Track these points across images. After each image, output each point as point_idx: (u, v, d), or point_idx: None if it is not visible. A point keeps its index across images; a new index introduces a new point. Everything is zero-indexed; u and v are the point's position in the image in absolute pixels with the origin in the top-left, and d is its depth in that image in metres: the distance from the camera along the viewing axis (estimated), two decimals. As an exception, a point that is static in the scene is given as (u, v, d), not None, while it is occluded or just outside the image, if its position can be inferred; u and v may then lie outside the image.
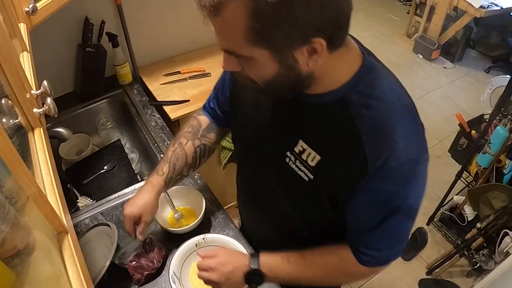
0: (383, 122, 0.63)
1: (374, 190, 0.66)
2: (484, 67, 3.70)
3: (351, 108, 0.64)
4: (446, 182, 2.15)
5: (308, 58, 0.57)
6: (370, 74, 0.65)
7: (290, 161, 0.74)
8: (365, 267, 0.78)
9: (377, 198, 0.68)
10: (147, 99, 1.62)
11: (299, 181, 0.73)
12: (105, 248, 1.00)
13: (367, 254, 0.76)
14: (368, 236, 0.74)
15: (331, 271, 0.82)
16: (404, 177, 0.65)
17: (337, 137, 0.67)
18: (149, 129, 1.48)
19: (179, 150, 0.97)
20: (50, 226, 0.55)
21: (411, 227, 0.75)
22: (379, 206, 0.69)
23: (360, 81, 0.64)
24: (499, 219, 1.78)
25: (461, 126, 2.45)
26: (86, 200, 1.28)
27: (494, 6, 3.12)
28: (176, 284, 0.94)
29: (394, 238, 0.75)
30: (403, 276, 2.11)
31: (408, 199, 0.69)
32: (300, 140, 0.71)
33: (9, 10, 0.81)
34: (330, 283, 0.86)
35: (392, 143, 0.62)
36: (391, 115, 0.63)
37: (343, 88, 0.64)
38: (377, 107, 0.63)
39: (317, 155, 0.69)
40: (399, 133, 0.62)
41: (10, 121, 0.62)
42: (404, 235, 0.77)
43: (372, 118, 0.63)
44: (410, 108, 0.67)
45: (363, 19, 4.39)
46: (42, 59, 1.27)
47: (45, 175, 0.64)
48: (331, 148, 0.68)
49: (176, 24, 1.76)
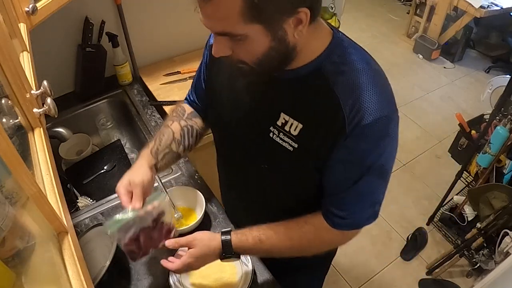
0: (357, 84, 0.69)
1: (349, 148, 0.70)
2: (484, 67, 3.70)
3: (326, 76, 0.70)
4: (446, 182, 2.16)
5: (294, 29, 0.62)
6: (340, 45, 0.71)
7: (274, 135, 0.77)
8: (338, 231, 0.80)
9: (351, 156, 0.72)
10: (147, 99, 1.62)
11: (284, 153, 0.76)
12: (105, 248, 1.00)
13: (339, 215, 0.79)
14: (341, 197, 0.77)
15: (306, 242, 0.84)
16: (377, 135, 0.69)
17: (317, 104, 0.72)
18: (149, 129, 1.48)
19: (164, 128, 0.98)
20: (50, 226, 0.55)
21: (383, 190, 0.79)
22: (352, 165, 0.73)
23: (332, 52, 0.70)
24: (499, 219, 1.78)
25: (461, 126, 2.45)
26: (86, 200, 1.28)
27: (494, 6, 3.12)
28: (176, 284, 0.94)
29: (366, 199, 0.78)
30: (403, 276, 2.11)
31: (381, 158, 0.72)
32: (281, 113, 0.75)
33: (9, 10, 0.81)
34: (305, 253, 0.87)
35: (366, 102, 0.68)
36: (364, 77, 0.69)
37: (317, 60, 0.70)
38: (350, 72, 0.69)
39: (299, 123, 0.74)
40: (372, 93, 0.68)
41: (10, 121, 0.62)
42: (377, 197, 0.79)
43: (347, 82, 0.69)
44: (379, 72, 0.73)
45: (363, 19, 4.39)
46: (42, 59, 1.27)
47: (45, 175, 0.64)
48: (312, 115, 0.73)
49: (176, 24, 1.75)
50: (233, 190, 1.08)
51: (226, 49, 0.66)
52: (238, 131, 0.86)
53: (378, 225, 2.35)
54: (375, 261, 2.17)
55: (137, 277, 1.01)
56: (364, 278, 2.09)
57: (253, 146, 0.84)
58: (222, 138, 0.98)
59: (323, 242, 0.86)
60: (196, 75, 1.00)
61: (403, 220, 2.38)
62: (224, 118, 0.89)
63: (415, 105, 3.25)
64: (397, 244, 2.25)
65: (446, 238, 2.25)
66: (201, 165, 1.46)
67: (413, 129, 3.02)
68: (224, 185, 1.14)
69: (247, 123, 0.83)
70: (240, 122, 0.85)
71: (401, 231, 2.32)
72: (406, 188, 2.57)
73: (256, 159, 0.85)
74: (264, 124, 0.79)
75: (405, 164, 2.70)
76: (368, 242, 2.26)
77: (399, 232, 2.32)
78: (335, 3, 2.17)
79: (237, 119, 0.85)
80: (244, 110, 0.82)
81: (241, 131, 0.85)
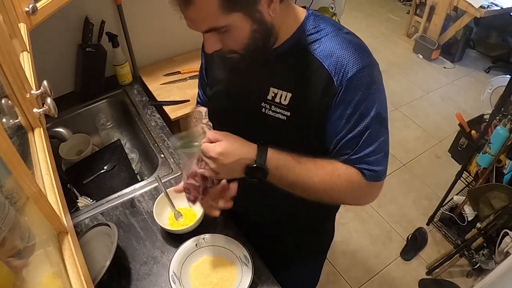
0: (333, 45, 0.76)
1: (344, 102, 0.75)
2: (484, 67, 3.70)
3: (304, 47, 0.77)
4: (446, 182, 2.16)
5: (268, 8, 0.70)
6: (313, 20, 0.79)
7: (266, 110, 0.82)
8: (366, 181, 0.80)
9: (348, 109, 0.75)
10: (147, 99, 1.62)
11: (278, 123, 0.81)
12: (105, 248, 1.00)
13: (364, 166, 0.79)
14: (360, 151, 0.78)
15: (336, 177, 0.79)
16: (365, 83, 0.74)
17: (301, 72, 0.78)
18: (149, 129, 1.48)
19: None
20: (50, 226, 0.55)
21: (387, 138, 0.81)
22: (353, 117, 0.76)
23: (306, 25, 0.78)
24: (499, 219, 1.78)
25: (461, 126, 2.46)
26: (86, 200, 1.28)
27: (494, 6, 3.12)
28: (176, 284, 0.94)
29: (376, 145, 0.78)
30: (403, 276, 2.11)
31: (375, 105, 0.76)
32: (270, 88, 0.81)
33: (9, 10, 0.81)
34: (332, 194, 0.82)
35: (345, 57, 0.74)
36: (337, 39, 0.76)
37: (295, 35, 0.78)
38: (324, 37, 0.77)
39: (288, 93, 0.79)
40: (348, 48, 0.75)
41: (10, 121, 0.62)
42: (383, 144, 0.80)
43: (324, 46, 0.76)
44: (351, 33, 0.80)
45: (363, 19, 4.40)
46: (42, 59, 1.27)
47: (45, 175, 0.64)
48: (299, 82, 0.78)
49: (176, 24, 1.74)
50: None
51: (216, 43, 0.73)
52: (234, 114, 0.91)
53: (378, 225, 2.35)
54: (375, 261, 2.17)
55: (137, 277, 1.02)
56: (364, 278, 2.09)
57: (250, 126, 0.87)
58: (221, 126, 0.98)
59: (352, 186, 0.81)
60: (199, 75, 1.07)
61: (403, 220, 2.38)
62: (222, 107, 0.95)
63: (415, 105, 3.25)
64: (397, 244, 2.25)
65: (446, 238, 2.25)
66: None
67: (413, 129, 3.02)
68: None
69: (241, 106, 0.88)
70: (235, 105, 0.90)
71: (401, 231, 2.32)
72: (406, 188, 2.57)
73: (254, 137, 0.82)
74: (256, 102, 0.84)
75: (405, 164, 2.70)
76: (368, 242, 2.26)
77: (399, 232, 2.32)
78: (335, 3, 2.17)
79: (232, 103, 0.91)
80: (238, 93, 0.89)
81: (237, 114, 0.90)
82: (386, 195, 2.52)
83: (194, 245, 1.03)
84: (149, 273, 1.02)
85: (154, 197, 1.19)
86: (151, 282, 1.00)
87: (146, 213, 1.17)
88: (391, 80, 3.46)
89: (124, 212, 1.18)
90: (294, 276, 1.19)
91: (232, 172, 0.80)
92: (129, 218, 1.16)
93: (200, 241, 1.03)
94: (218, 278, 0.98)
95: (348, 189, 0.81)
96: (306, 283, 1.32)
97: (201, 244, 1.03)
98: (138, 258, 1.06)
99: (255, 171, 0.78)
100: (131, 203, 1.21)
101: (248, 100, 0.85)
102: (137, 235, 1.11)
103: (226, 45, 0.74)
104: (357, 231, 2.32)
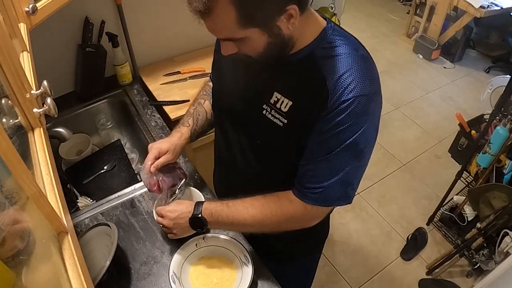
0: (342, 65, 0.75)
1: (326, 120, 0.75)
2: (484, 67, 3.70)
3: (316, 60, 0.77)
4: (446, 182, 2.16)
5: (287, 23, 0.70)
6: (331, 33, 0.79)
7: (266, 112, 0.84)
8: (300, 204, 0.83)
9: (327, 127, 0.76)
10: (147, 99, 1.62)
11: (274, 128, 0.83)
12: (105, 248, 1.00)
13: (307, 187, 0.82)
14: (311, 168, 0.81)
15: (268, 211, 0.87)
16: (355, 111, 0.73)
17: (306, 83, 0.79)
18: (149, 129, 1.48)
19: (199, 108, 1.11)
20: (50, 226, 0.55)
21: (358, 173, 0.81)
22: (327, 136, 0.76)
23: (323, 39, 0.78)
24: (499, 219, 1.78)
25: (461, 126, 2.46)
26: (86, 200, 1.28)
27: (494, 6, 3.12)
28: (176, 284, 0.94)
29: (337, 175, 0.78)
30: (403, 276, 2.11)
31: (356, 135, 0.75)
32: (274, 92, 0.82)
33: (9, 10, 0.81)
34: (268, 225, 0.89)
35: (349, 80, 0.73)
36: (349, 60, 0.75)
37: (310, 46, 0.78)
38: (337, 56, 0.76)
39: (289, 101, 0.80)
40: (355, 73, 0.74)
41: (10, 121, 0.62)
42: (349, 177, 0.80)
43: (333, 64, 0.76)
44: (366, 57, 0.79)
45: (363, 19, 4.40)
46: (42, 59, 1.27)
47: (45, 175, 0.64)
48: (301, 93, 0.79)
49: (176, 24, 1.76)
50: (222, 165, 1.13)
51: (232, 48, 0.75)
52: (236, 108, 0.93)
53: (378, 225, 2.35)
54: (375, 261, 2.17)
55: (137, 277, 1.02)
56: (364, 278, 2.09)
57: (249, 123, 0.91)
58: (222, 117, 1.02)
59: (284, 214, 0.86)
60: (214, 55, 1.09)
61: (403, 220, 2.38)
62: (225, 96, 0.97)
63: (415, 105, 3.25)
64: (397, 244, 2.25)
65: (446, 238, 2.25)
66: (201, 165, 1.46)
67: (413, 129, 3.02)
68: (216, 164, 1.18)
69: (244, 101, 0.90)
70: (239, 100, 0.92)
71: (401, 231, 2.32)
72: (406, 188, 2.57)
73: (251, 135, 0.92)
74: (258, 102, 0.85)
75: (405, 164, 2.70)
76: (368, 242, 2.26)
77: (399, 232, 2.32)
78: (335, 3, 2.17)
79: (236, 97, 0.93)
80: (243, 89, 0.91)
81: (238, 108, 0.92)
82: (386, 195, 2.52)
83: (194, 245, 1.03)
84: (149, 273, 1.02)
85: (154, 197, 1.19)
86: (151, 282, 1.00)
87: (146, 213, 1.17)
88: (391, 80, 3.46)
89: (124, 212, 1.18)
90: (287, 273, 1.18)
91: (181, 228, 0.98)
92: (129, 218, 1.16)
93: (200, 241, 1.03)
94: (218, 278, 0.98)
95: (285, 218, 0.87)
96: (300, 281, 1.31)
97: (201, 244, 1.03)
98: (138, 258, 1.06)
99: (196, 220, 0.93)
100: (131, 203, 1.21)
101: (251, 99, 0.87)
102: (137, 235, 1.11)
103: (242, 51, 0.75)
104: (357, 231, 2.32)
